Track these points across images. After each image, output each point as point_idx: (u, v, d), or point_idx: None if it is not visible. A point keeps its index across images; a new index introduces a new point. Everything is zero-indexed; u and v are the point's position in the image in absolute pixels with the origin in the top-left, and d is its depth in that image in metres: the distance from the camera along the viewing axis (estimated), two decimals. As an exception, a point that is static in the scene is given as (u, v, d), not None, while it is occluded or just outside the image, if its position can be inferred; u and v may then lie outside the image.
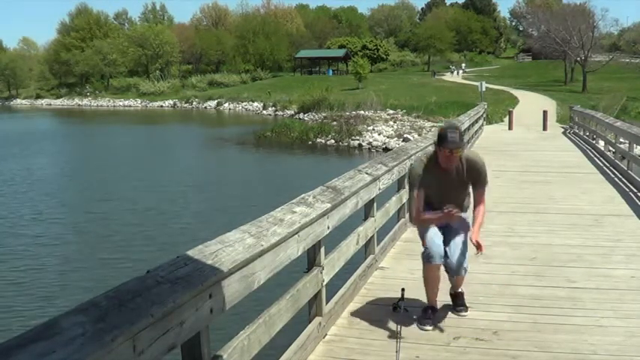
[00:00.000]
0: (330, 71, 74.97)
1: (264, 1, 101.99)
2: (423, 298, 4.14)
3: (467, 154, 4.04)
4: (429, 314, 4.02)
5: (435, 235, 4.02)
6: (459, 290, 4.27)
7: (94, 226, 12.55)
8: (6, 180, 18.88)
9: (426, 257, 4.02)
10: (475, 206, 4.10)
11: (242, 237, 2.76)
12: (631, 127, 12.48)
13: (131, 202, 15.07)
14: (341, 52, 76.16)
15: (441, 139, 3.84)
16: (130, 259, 9.89)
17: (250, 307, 4.06)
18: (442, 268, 4.02)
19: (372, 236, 5.28)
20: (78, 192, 17.21)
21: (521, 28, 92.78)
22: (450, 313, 4.20)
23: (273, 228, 3.02)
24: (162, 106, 69.16)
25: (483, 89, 31.38)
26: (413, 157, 7.02)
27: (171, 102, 69.93)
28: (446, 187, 3.99)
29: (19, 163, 23.18)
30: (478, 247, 3.87)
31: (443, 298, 4.19)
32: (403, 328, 3.55)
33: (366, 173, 5.01)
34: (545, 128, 22.03)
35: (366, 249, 5.23)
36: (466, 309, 4.20)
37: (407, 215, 6.90)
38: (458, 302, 4.25)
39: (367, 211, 5.17)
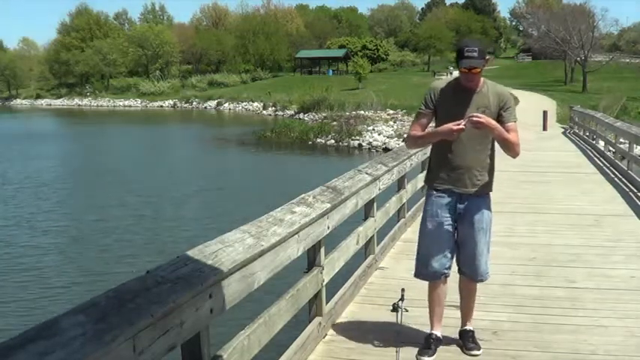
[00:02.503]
0: (330, 71, 74.94)
1: (264, 1, 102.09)
2: (423, 298, 4.11)
3: (495, 85, 3.53)
4: (428, 344, 3.53)
5: (434, 244, 3.48)
6: (469, 327, 3.67)
7: (95, 226, 12.55)
8: (7, 181, 18.87)
9: (416, 274, 3.60)
10: None
11: (242, 237, 2.76)
12: (631, 127, 12.48)
13: (131, 202, 15.07)
14: (341, 52, 76.14)
15: (458, 56, 3.30)
16: (130, 259, 9.89)
17: (250, 307, 4.06)
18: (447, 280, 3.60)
19: (372, 236, 5.28)
20: (78, 192, 17.21)
21: (521, 28, 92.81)
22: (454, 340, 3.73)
23: (273, 228, 3.02)
24: (162, 106, 69.19)
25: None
26: (413, 157, 7.03)
27: (171, 102, 69.97)
28: (466, 111, 3.32)
29: (20, 164, 23.17)
30: (475, 120, 3.22)
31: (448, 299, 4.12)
32: (403, 328, 3.55)
33: (366, 173, 5.01)
34: (545, 128, 22.02)
35: (366, 249, 5.23)
36: (479, 348, 3.58)
37: (407, 214, 6.92)
38: (469, 340, 3.61)
39: (367, 211, 5.17)
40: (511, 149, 3.44)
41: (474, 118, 3.22)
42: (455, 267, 3.64)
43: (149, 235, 11.69)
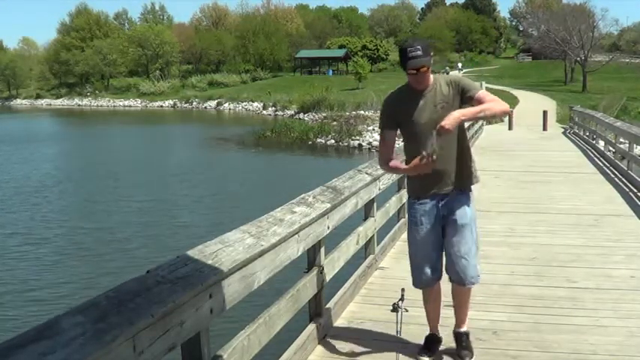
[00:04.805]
0: (330, 71, 74.91)
1: (264, 1, 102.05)
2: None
3: (444, 77, 3.36)
4: (428, 344, 3.55)
5: (423, 252, 3.41)
6: (463, 329, 3.56)
7: (95, 227, 12.55)
8: (7, 180, 18.88)
9: (413, 284, 3.54)
10: None
11: (242, 237, 2.76)
12: (631, 127, 12.49)
13: (131, 202, 15.08)
14: (341, 52, 76.10)
15: (401, 58, 3.13)
16: (130, 259, 9.89)
17: (250, 307, 4.06)
18: (440, 282, 3.56)
19: (372, 236, 5.28)
20: (78, 192, 17.21)
21: (521, 28, 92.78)
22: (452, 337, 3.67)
23: (273, 228, 3.02)
24: (162, 106, 69.15)
25: (483, 89, 31.32)
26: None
27: (171, 102, 69.92)
28: (425, 112, 3.20)
29: (21, 164, 23.18)
30: (441, 127, 3.00)
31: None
32: (403, 328, 3.55)
33: (366, 173, 5.01)
34: (545, 128, 22.03)
35: (366, 249, 5.23)
36: (472, 354, 3.49)
37: (407, 215, 6.92)
38: (462, 345, 3.52)
39: (367, 211, 5.17)
40: (495, 112, 3.21)
41: (441, 130, 3.01)
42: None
43: (149, 235, 11.69)
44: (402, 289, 3.71)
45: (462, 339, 3.55)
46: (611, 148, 14.26)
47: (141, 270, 2.26)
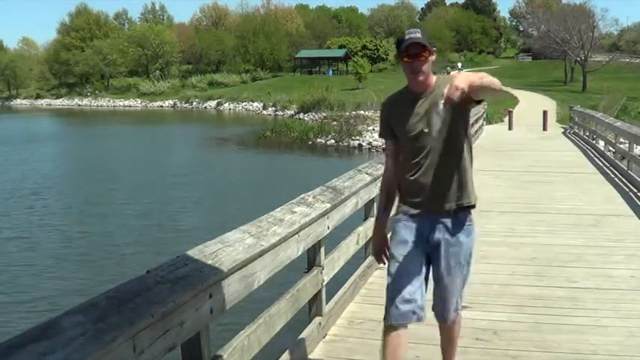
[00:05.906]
0: (330, 71, 74.92)
1: (264, 1, 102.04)
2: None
3: (445, 78, 2.80)
4: None
5: (403, 277, 2.77)
6: None
7: (94, 226, 12.54)
8: (6, 181, 18.88)
9: (386, 317, 2.85)
10: None
11: (242, 237, 2.76)
12: (631, 127, 12.49)
13: (131, 202, 15.07)
14: (341, 52, 76.10)
15: (399, 42, 2.68)
16: (130, 259, 9.89)
17: (250, 307, 4.06)
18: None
19: (372, 236, 5.28)
20: (78, 192, 17.20)
21: (521, 28, 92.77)
22: None
23: (273, 228, 3.03)
24: (162, 106, 69.13)
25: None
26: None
27: (171, 102, 69.91)
28: (418, 117, 2.74)
29: (20, 164, 23.18)
30: (450, 94, 2.41)
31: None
32: (403, 328, 3.54)
33: (366, 173, 5.01)
34: (545, 128, 22.03)
35: (366, 249, 5.23)
36: None
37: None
38: None
39: (367, 211, 5.17)
40: (493, 81, 2.61)
41: (450, 94, 2.42)
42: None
43: (149, 234, 11.68)
44: (402, 289, 3.70)
45: None
46: (611, 148, 14.26)
47: (141, 270, 2.26)
